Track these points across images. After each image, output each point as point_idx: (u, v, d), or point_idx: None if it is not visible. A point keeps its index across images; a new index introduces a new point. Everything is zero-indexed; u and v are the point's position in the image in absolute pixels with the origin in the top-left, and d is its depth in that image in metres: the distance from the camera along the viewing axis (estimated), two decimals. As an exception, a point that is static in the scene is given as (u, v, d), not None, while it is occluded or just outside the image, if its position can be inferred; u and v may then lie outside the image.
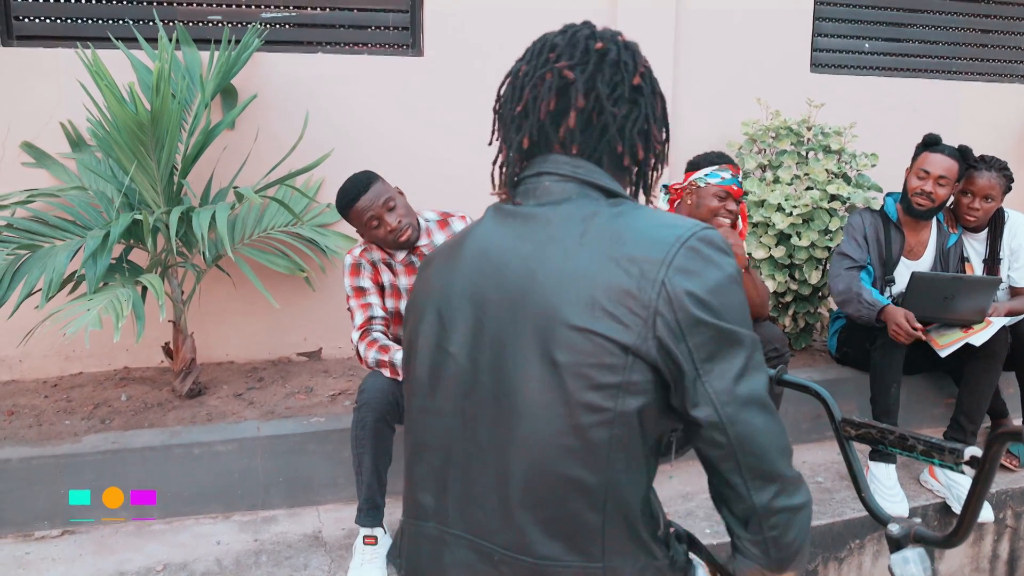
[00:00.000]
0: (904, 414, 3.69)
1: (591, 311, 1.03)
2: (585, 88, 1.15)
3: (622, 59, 1.17)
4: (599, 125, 1.16)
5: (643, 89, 1.19)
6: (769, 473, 1.07)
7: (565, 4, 3.91)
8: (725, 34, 4.36)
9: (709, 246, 1.07)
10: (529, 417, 1.06)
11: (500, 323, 1.10)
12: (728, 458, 1.07)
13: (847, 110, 4.25)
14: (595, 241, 1.08)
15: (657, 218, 1.11)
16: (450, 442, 1.16)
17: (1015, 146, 4.92)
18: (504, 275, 1.12)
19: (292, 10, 3.79)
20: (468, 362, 1.13)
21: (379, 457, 2.63)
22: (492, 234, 1.18)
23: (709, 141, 3.85)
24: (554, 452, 1.05)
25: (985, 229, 3.66)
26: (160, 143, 2.96)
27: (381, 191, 2.77)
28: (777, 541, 1.09)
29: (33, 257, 2.97)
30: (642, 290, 1.03)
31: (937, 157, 3.40)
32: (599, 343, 1.03)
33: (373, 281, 2.88)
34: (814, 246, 3.81)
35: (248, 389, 3.51)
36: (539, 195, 1.16)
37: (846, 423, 1.39)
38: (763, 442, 1.07)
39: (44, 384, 3.59)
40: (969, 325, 3.31)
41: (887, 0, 4.75)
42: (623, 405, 1.04)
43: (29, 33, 3.53)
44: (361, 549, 2.66)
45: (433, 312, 1.19)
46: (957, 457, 1.21)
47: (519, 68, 1.22)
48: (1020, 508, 3.41)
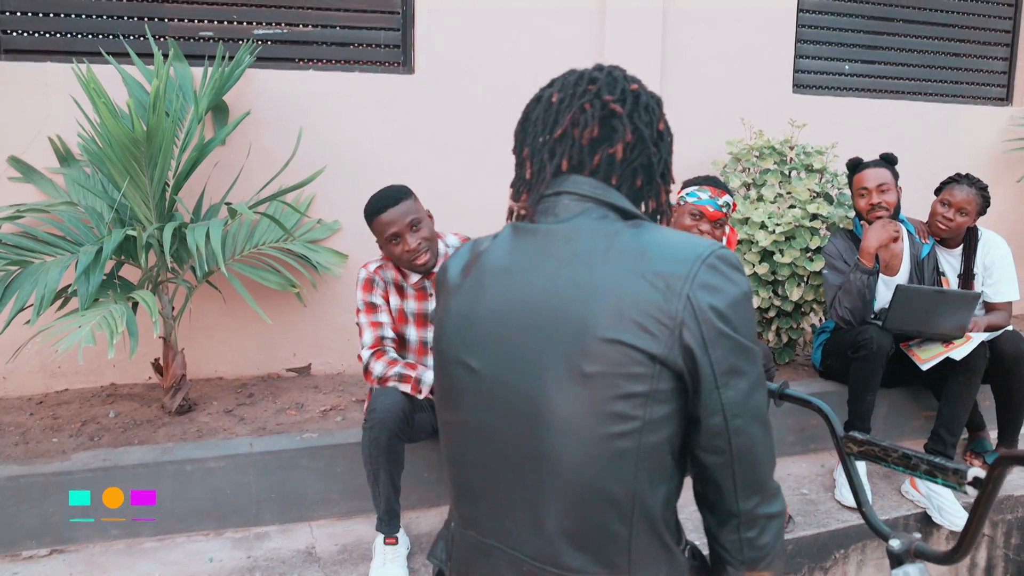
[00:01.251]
0: (885, 426, 3.78)
1: (620, 322, 1.08)
2: (632, 123, 1.22)
3: (651, 104, 1.25)
4: (636, 159, 1.22)
5: (664, 134, 1.27)
6: (758, 483, 1.15)
7: (554, 32, 4.04)
8: (710, 56, 4.43)
9: (726, 264, 1.13)
10: (558, 431, 1.10)
11: (525, 339, 1.14)
12: (725, 466, 1.13)
13: (828, 130, 4.35)
14: (620, 257, 1.12)
15: (676, 236, 1.16)
16: (480, 456, 1.20)
17: (988, 166, 5.05)
18: (528, 292, 1.15)
19: (284, 27, 3.81)
20: (494, 379, 1.17)
21: (394, 470, 2.67)
22: (514, 252, 1.21)
23: (694, 160, 3.93)
24: (583, 465, 1.09)
25: (960, 246, 3.76)
26: (153, 160, 2.97)
27: (410, 209, 2.76)
28: (752, 542, 1.16)
29: (24, 273, 2.97)
30: (668, 302, 1.08)
31: (867, 172, 3.58)
32: (628, 353, 1.07)
33: (384, 299, 2.88)
34: (796, 263, 3.88)
35: (238, 405, 3.51)
36: (558, 212, 1.20)
37: (849, 439, 1.43)
38: (758, 455, 1.14)
39: (29, 401, 3.55)
40: (950, 340, 3.40)
41: (866, 24, 4.88)
42: (651, 413, 1.09)
43: (18, 47, 3.53)
44: (382, 549, 2.72)
45: (456, 329, 1.23)
46: (960, 478, 1.25)
47: (550, 95, 1.26)
48: (997, 517, 3.49)
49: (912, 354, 3.46)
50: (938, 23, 5.06)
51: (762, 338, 4.07)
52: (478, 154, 3.95)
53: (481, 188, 3.85)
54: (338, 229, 3.85)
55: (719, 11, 4.43)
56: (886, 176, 3.55)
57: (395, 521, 2.74)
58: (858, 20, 4.86)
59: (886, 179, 3.54)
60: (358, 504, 3.06)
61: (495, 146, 3.08)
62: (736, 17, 4.47)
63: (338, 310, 3.86)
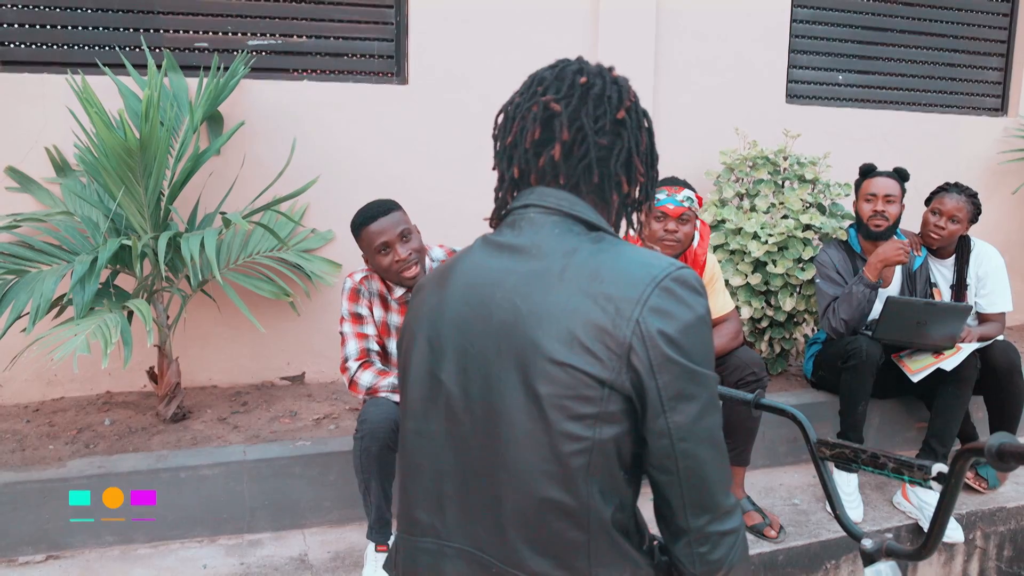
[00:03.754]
0: (877, 437, 3.79)
1: (569, 346, 1.09)
2: (569, 120, 1.20)
3: (607, 93, 1.22)
4: (581, 156, 1.21)
5: (627, 123, 1.23)
6: (707, 504, 1.15)
7: (547, 43, 4.07)
8: (703, 66, 4.47)
9: (683, 286, 1.12)
10: (515, 444, 1.12)
11: (486, 354, 1.15)
12: (673, 485, 1.14)
13: (822, 140, 4.37)
14: (574, 278, 1.12)
15: (635, 256, 1.16)
16: (444, 465, 1.21)
17: (982, 176, 5.07)
18: (490, 307, 1.16)
19: (278, 38, 3.85)
20: (459, 390, 1.18)
21: (385, 479, 2.69)
22: (481, 266, 1.22)
23: (689, 169, 3.94)
24: (538, 477, 1.11)
25: (952, 256, 3.77)
26: (148, 169, 3.00)
27: (400, 220, 2.75)
28: (703, 557, 1.16)
29: (20, 282, 2.99)
30: (617, 327, 1.08)
31: (878, 180, 3.58)
32: (577, 376, 1.08)
33: (369, 310, 2.88)
34: (789, 274, 3.90)
35: (232, 413, 3.53)
36: (524, 227, 1.21)
37: (821, 444, 1.46)
38: (707, 476, 1.15)
39: (25, 409, 3.58)
40: (940, 351, 3.41)
41: (860, 34, 4.92)
42: (600, 434, 1.10)
43: (15, 59, 3.57)
44: (374, 557, 2.75)
45: (424, 339, 1.24)
46: (925, 473, 1.28)
47: (512, 100, 1.27)
48: (989, 529, 3.49)
49: (903, 365, 3.47)
50: (932, 33, 5.09)
51: (755, 348, 4.09)
52: (471, 164, 3.97)
53: (474, 198, 3.83)
54: (332, 238, 3.87)
55: (712, 21, 4.47)
56: (895, 188, 3.56)
57: (386, 529, 2.76)
58: (852, 30, 4.90)
59: (894, 191, 3.55)
60: (351, 512, 3.07)
61: (488, 156, 3.12)
62: (729, 27, 4.50)
63: (332, 319, 3.84)
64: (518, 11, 4.07)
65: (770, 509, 3.32)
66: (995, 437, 1.12)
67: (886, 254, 3.43)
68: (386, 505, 2.74)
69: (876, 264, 3.44)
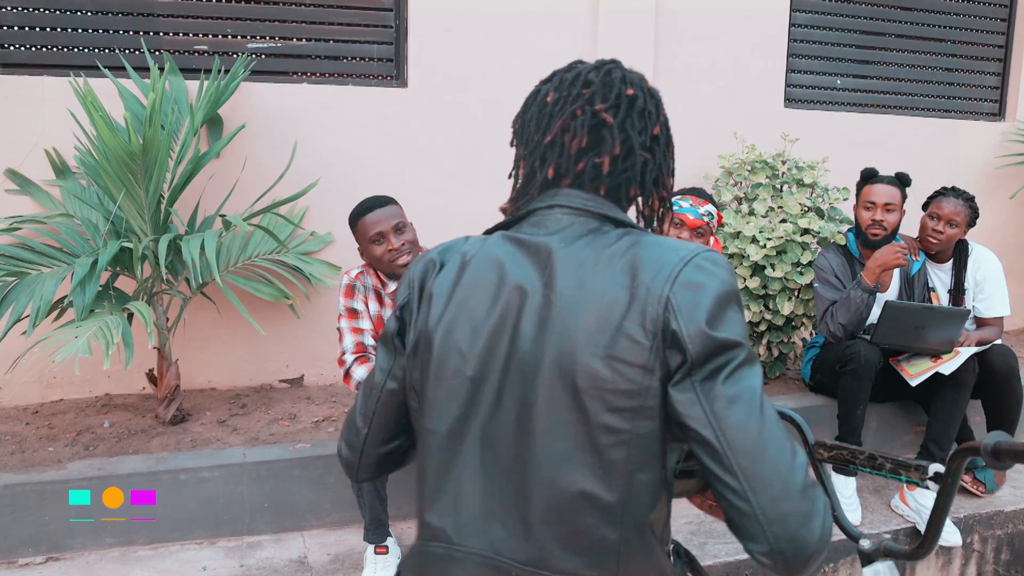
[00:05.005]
0: (876, 441, 3.79)
1: (608, 338, 1.07)
2: (620, 133, 1.19)
3: (647, 108, 1.22)
4: (625, 170, 1.21)
5: (660, 139, 1.24)
6: (764, 475, 1.03)
7: (547, 46, 4.08)
8: (702, 70, 4.48)
9: (712, 263, 1.11)
10: (550, 437, 1.10)
11: (520, 349, 1.13)
12: (719, 458, 1.04)
13: (820, 145, 4.37)
14: (608, 269, 1.11)
15: (666, 243, 1.15)
16: (466, 463, 1.17)
17: (979, 181, 5.08)
18: (521, 304, 1.14)
19: (278, 41, 3.86)
20: (488, 388, 1.15)
21: (377, 479, 2.69)
22: (505, 262, 1.19)
23: (687, 173, 3.95)
24: (574, 470, 1.09)
25: (950, 260, 3.78)
26: (149, 172, 3.00)
27: (396, 213, 2.87)
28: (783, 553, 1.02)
29: (20, 284, 3.00)
30: (649, 306, 1.07)
31: (878, 187, 3.57)
32: (617, 368, 1.07)
33: (364, 305, 2.94)
34: (787, 278, 3.91)
35: (232, 416, 3.53)
36: (550, 225, 1.19)
37: (819, 446, 1.47)
38: (754, 440, 1.03)
39: (25, 411, 3.58)
40: (938, 355, 3.42)
41: (858, 39, 4.93)
42: (639, 427, 1.08)
43: (15, 61, 3.57)
44: (373, 559, 2.76)
45: (444, 336, 1.19)
46: (922, 473, 1.29)
47: (546, 92, 1.24)
48: (987, 532, 3.50)
49: (901, 369, 3.48)
50: (930, 38, 5.10)
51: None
52: (471, 167, 3.98)
53: (474, 201, 3.86)
54: (331, 241, 3.88)
55: (711, 26, 4.48)
56: (895, 196, 3.55)
57: (381, 530, 2.76)
58: (850, 35, 4.91)
59: (894, 199, 3.55)
60: (350, 514, 3.07)
61: (488, 159, 3.10)
62: (728, 32, 4.51)
63: (331, 321, 3.84)
64: (517, 14, 4.08)
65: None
66: (991, 436, 1.13)
67: (884, 258, 3.44)
68: (380, 505, 2.76)
69: (874, 269, 3.45)
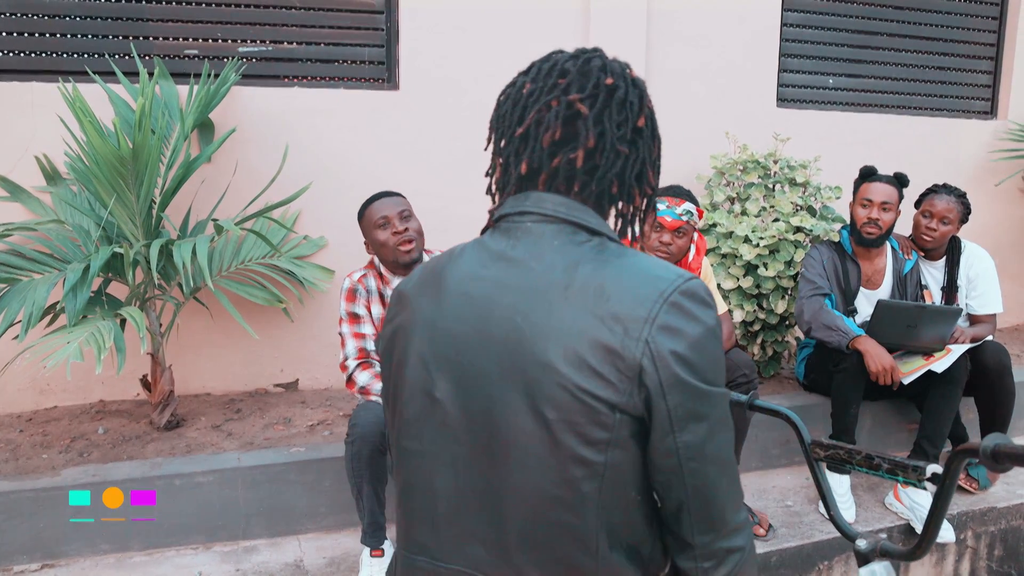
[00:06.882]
0: (869, 439, 3.80)
1: (578, 369, 1.03)
2: (595, 125, 1.12)
3: (629, 98, 1.14)
4: (601, 164, 1.13)
5: (644, 132, 1.17)
6: (715, 521, 1.11)
7: (538, 48, 4.05)
8: (694, 71, 4.48)
9: (691, 300, 1.07)
10: (521, 467, 1.07)
11: (487, 374, 1.09)
12: (680, 502, 1.10)
13: (812, 144, 4.39)
14: (579, 296, 1.06)
15: (641, 267, 1.10)
16: (441, 485, 1.15)
17: (972, 179, 5.10)
18: (488, 324, 1.10)
19: (269, 45, 3.85)
20: (457, 411, 1.12)
21: (377, 483, 2.70)
22: (475, 277, 1.14)
23: (680, 173, 3.96)
24: (547, 501, 1.07)
25: (943, 258, 3.80)
26: (140, 177, 3.00)
27: (402, 203, 2.94)
28: (707, 572, 1.12)
29: (12, 290, 2.99)
30: (626, 348, 1.03)
31: (876, 185, 3.57)
32: (587, 401, 1.03)
33: (366, 309, 2.94)
34: (780, 276, 3.92)
35: (226, 420, 3.52)
36: (520, 236, 1.13)
37: (815, 445, 1.47)
38: (716, 495, 1.11)
39: (18, 418, 3.56)
40: (931, 353, 3.43)
41: (850, 38, 4.94)
42: (612, 458, 1.06)
43: (4, 67, 3.55)
44: (368, 562, 2.76)
45: (417, 354, 1.17)
46: (920, 474, 1.29)
47: (523, 83, 1.18)
48: (980, 529, 3.51)
49: (894, 366, 3.49)
50: (922, 37, 5.12)
51: (747, 351, 4.10)
52: (463, 169, 3.97)
53: (467, 203, 3.84)
54: (324, 245, 3.88)
55: (703, 26, 4.48)
56: (893, 196, 3.55)
57: (379, 534, 2.76)
58: (842, 34, 4.92)
59: (891, 199, 3.54)
60: (346, 517, 3.07)
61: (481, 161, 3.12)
62: (720, 32, 4.52)
63: (325, 325, 3.88)
64: (509, 16, 4.07)
65: (763, 511, 3.33)
66: (990, 438, 1.12)
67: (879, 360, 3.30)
68: (379, 509, 2.75)
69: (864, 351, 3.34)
